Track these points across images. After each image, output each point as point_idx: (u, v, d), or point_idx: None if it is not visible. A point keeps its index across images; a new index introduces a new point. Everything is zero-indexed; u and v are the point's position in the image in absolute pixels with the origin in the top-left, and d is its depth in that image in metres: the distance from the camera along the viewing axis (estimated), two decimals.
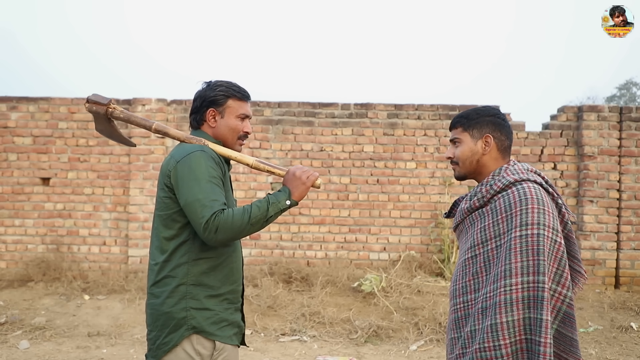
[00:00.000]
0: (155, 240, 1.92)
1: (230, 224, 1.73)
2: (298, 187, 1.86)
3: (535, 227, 1.62)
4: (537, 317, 1.57)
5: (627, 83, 31.66)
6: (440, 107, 5.97)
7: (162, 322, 1.84)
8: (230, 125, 1.98)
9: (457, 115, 1.91)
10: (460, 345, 1.70)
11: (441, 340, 4.58)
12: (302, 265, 5.83)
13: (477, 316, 1.66)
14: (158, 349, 1.85)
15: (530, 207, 1.64)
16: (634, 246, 5.69)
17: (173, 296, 1.83)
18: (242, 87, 2.04)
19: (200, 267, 1.85)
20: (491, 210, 1.75)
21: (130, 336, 4.65)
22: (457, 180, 1.95)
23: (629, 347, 4.54)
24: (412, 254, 5.83)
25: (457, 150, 1.87)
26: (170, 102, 5.97)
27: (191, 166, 1.80)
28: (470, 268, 1.76)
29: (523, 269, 1.59)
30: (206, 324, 1.84)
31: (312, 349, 4.43)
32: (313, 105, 6.00)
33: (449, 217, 2.03)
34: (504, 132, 1.84)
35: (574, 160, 5.87)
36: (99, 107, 1.95)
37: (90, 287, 5.55)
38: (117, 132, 2.07)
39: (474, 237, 1.78)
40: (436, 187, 5.95)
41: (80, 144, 5.94)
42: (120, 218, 5.90)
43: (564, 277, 1.66)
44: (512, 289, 1.59)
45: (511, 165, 1.82)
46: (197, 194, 1.76)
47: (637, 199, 5.72)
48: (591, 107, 5.85)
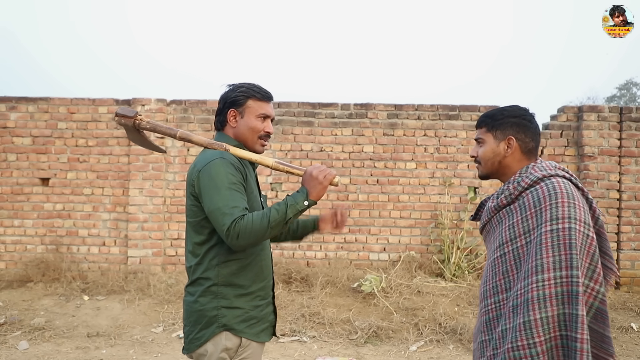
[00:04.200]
0: (188, 244, 2.00)
1: (251, 229, 1.77)
2: (315, 187, 1.88)
3: (566, 221, 1.57)
4: (573, 313, 1.51)
5: (627, 83, 31.65)
6: (440, 107, 5.96)
7: (195, 319, 1.93)
8: (249, 125, 2.01)
9: (484, 114, 1.88)
10: (492, 346, 1.64)
11: (441, 340, 4.57)
12: (302, 266, 5.82)
13: (508, 315, 1.61)
14: (190, 343, 1.95)
15: (561, 201, 1.60)
16: (634, 246, 5.68)
17: (205, 295, 1.92)
18: (263, 87, 2.08)
19: (229, 268, 1.93)
20: (519, 207, 1.71)
21: (130, 337, 4.64)
22: (480, 179, 1.93)
23: (629, 348, 4.53)
24: (412, 254, 5.82)
25: (480, 150, 1.86)
26: (170, 102, 5.96)
27: (211, 174, 1.85)
28: (500, 267, 1.71)
29: (555, 264, 1.54)
30: (235, 322, 1.92)
31: (311, 349, 4.42)
32: (313, 105, 5.99)
33: (475, 220, 1.98)
34: (529, 134, 1.80)
35: (574, 161, 5.86)
36: (127, 120, 2.04)
37: (90, 287, 5.54)
38: (148, 140, 2.17)
39: (502, 235, 1.73)
40: (436, 187, 5.94)
41: (79, 144, 5.93)
42: (120, 218, 5.89)
43: (597, 273, 1.61)
44: (545, 285, 1.53)
45: (538, 163, 1.78)
46: (218, 202, 1.81)
47: (637, 199, 5.71)
48: (591, 107, 5.84)
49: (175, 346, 4.47)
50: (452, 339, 4.57)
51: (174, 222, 5.90)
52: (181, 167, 5.92)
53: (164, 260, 5.86)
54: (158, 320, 4.94)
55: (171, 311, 5.06)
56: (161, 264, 5.82)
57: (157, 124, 2.05)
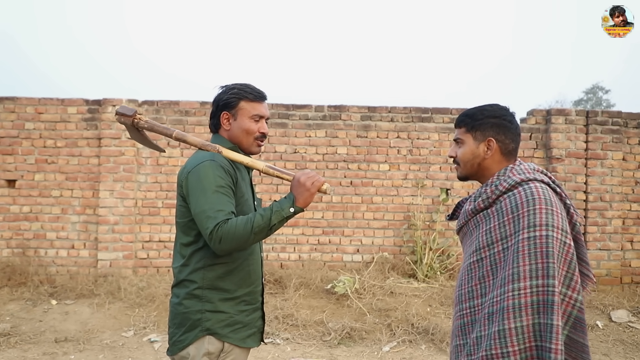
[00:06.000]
0: (176, 245, 1.99)
1: (233, 234, 1.75)
2: (302, 194, 1.85)
3: (544, 229, 1.54)
4: (548, 323, 1.48)
5: (594, 87, 32.55)
6: (412, 109, 6.02)
7: (179, 321, 1.92)
8: (243, 127, 1.99)
9: (463, 113, 1.83)
10: (465, 352, 1.62)
11: (413, 341, 4.61)
12: (276, 268, 5.81)
13: (483, 322, 1.58)
14: (174, 345, 1.94)
15: (538, 208, 1.57)
16: (600, 246, 5.84)
17: (190, 298, 1.90)
18: (256, 87, 2.05)
19: (215, 272, 1.91)
20: (497, 212, 1.67)
21: (100, 341, 4.55)
22: (459, 180, 1.88)
23: (594, 345, 4.65)
24: (385, 255, 5.87)
25: (460, 151, 1.81)
26: (142, 103, 5.87)
27: (199, 176, 1.84)
28: (477, 272, 1.68)
29: (532, 272, 1.51)
30: (219, 326, 1.90)
31: (285, 351, 4.41)
32: (287, 106, 5.99)
33: (452, 220, 1.95)
34: (509, 135, 1.76)
35: (542, 163, 5.99)
36: (126, 119, 2.03)
37: (58, 291, 5.42)
38: (147, 139, 2.16)
39: (479, 240, 1.70)
40: (409, 189, 5.99)
41: (47, 145, 5.79)
42: (90, 221, 5.78)
43: (574, 281, 1.58)
44: (521, 293, 1.51)
45: (517, 165, 1.75)
46: (203, 204, 1.79)
47: (602, 200, 5.87)
48: (559, 110, 5.98)
49: (147, 350, 4.40)
50: (425, 339, 4.62)
51: (145, 225, 5.81)
52: (153, 168, 5.84)
53: (135, 263, 5.77)
54: (129, 324, 4.86)
55: (142, 315, 4.98)
56: (132, 267, 5.73)
57: (155, 124, 2.04)
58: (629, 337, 4.84)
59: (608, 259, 5.83)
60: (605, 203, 5.85)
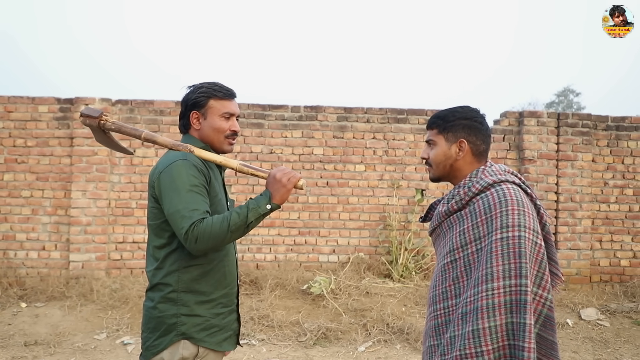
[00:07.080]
0: (149, 248, 1.95)
1: (210, 233, 1.72)
2: (279, 190, 1.84)
3: (516, 229, 1.57)
4: (521, 322, 1.51)
5: (565, 90, 33.27)
6: (388, 110, 6.07)
7: (153, 325, 1.88)
8: (213, 125, 1.96)
9: (434, 115, 1.85)
10: (439, 352, 1.64)
11: (389, 340, 4.64)
12: (251, 269, 5.78)
13: (457, 322, 1.60)
14: (147, 350, 1.89)
15: (511, 209, 1.60)
16: (570, 246, 5.97)
17: (165, 302, 1.86)
18: (224, 85, 2.02)
19: (190, 274, 1.87)
20: (470, 213, 1.70)
21: (71, 344, 4.47)
22: (431, 181, 1.86)
23: (564, 343, 4.75)
24: (360, 255, 5.90)
25: (432, 153, 1.83)
26: (115, 102, 5.79)
27: (172, 176, 1.80)
28: (450, 273, 1.70)
29: (505, 273, 1.54)
30: (195, 330, 1.86)
31: (260, 352, 4.40)
32: (263, 107, 5.97)
33: (425, 221, 1.96)
34: (480, 136, 1.79)
35: (515, 164, 6.10)
36: (92, 120, 1.98)
37: (28, 294, 5.30)
38: (115, 142, 2.10)
39: (453, 241, 1.72)
40: (384, 189, 6.04)
41: (17, 145, 5.66)
42: (61, 222, 5.67)
43: (545, 280, 1.62)
44: (494, 293, 1.53)
45: (488, 167, 1.78)
46: (177, 204, 1.76)
47: (573, 201, 6.00)
48: (531, 112, 6.09)
49: (120, 353, 4.34)
50: (400, 339, 4.66)
51: (119, 225, 5.73)
52: (127, 168, 5.76)
53: (108, 265, 5.68)
54: (101, 327, 4.78)
55: (115, 317, 4.91)
56: (105, 269, 5.64)
57: (122, 125, 2.00)
58: (597, 335, 4.96)
59: (578, 259, 5.96)
60: (576, 204, 5.99)
